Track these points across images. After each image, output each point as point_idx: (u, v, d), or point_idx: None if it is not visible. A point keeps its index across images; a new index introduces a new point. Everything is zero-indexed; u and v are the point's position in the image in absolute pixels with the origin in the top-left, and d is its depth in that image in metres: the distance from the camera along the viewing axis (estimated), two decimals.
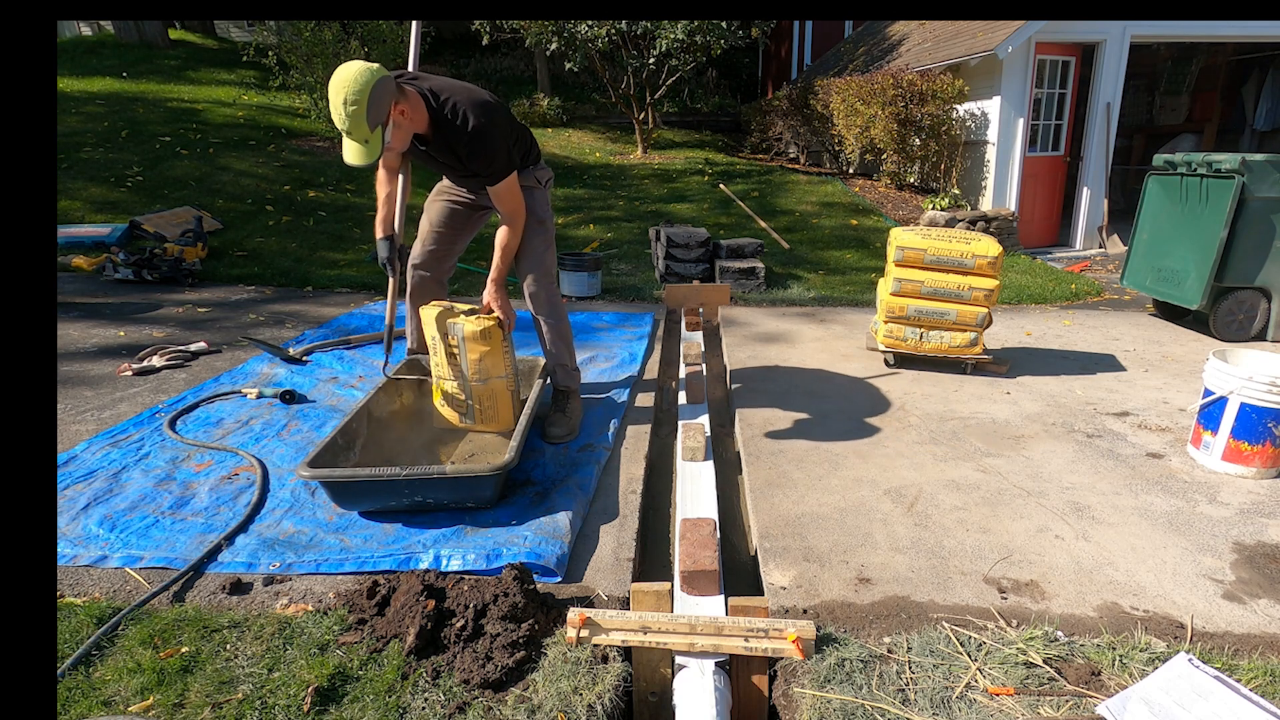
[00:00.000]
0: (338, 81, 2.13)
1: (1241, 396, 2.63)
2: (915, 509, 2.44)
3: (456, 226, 2.91)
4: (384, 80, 2.16)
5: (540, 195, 2.80)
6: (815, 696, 1.65)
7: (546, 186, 2.85)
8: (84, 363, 3.68)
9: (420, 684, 1.65)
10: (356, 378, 3.55)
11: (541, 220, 2.78)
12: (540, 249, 2.77)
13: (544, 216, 2.80)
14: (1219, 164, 4.28)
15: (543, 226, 2.78)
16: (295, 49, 9.16)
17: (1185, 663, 1.70)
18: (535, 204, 2.76)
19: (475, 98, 2.41)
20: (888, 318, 3.75)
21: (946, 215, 7.36)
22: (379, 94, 2.14)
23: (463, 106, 2.36)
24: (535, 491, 2.46)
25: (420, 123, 2.37)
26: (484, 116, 2.38)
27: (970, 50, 7.50)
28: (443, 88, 2.40)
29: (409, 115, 2.31)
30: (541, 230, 2.77)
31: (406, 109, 2.29)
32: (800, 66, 15.41)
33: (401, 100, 2.27)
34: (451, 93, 2.39)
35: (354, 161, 2.23)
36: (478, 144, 2.39)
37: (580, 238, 7.33)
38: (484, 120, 2.37)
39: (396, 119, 2.28)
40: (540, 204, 2.79)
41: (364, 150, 2.21)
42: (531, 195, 2.76)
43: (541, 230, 2.77)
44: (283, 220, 7.03)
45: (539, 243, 2.76)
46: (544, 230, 2.78)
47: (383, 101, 2.17)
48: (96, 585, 1.97)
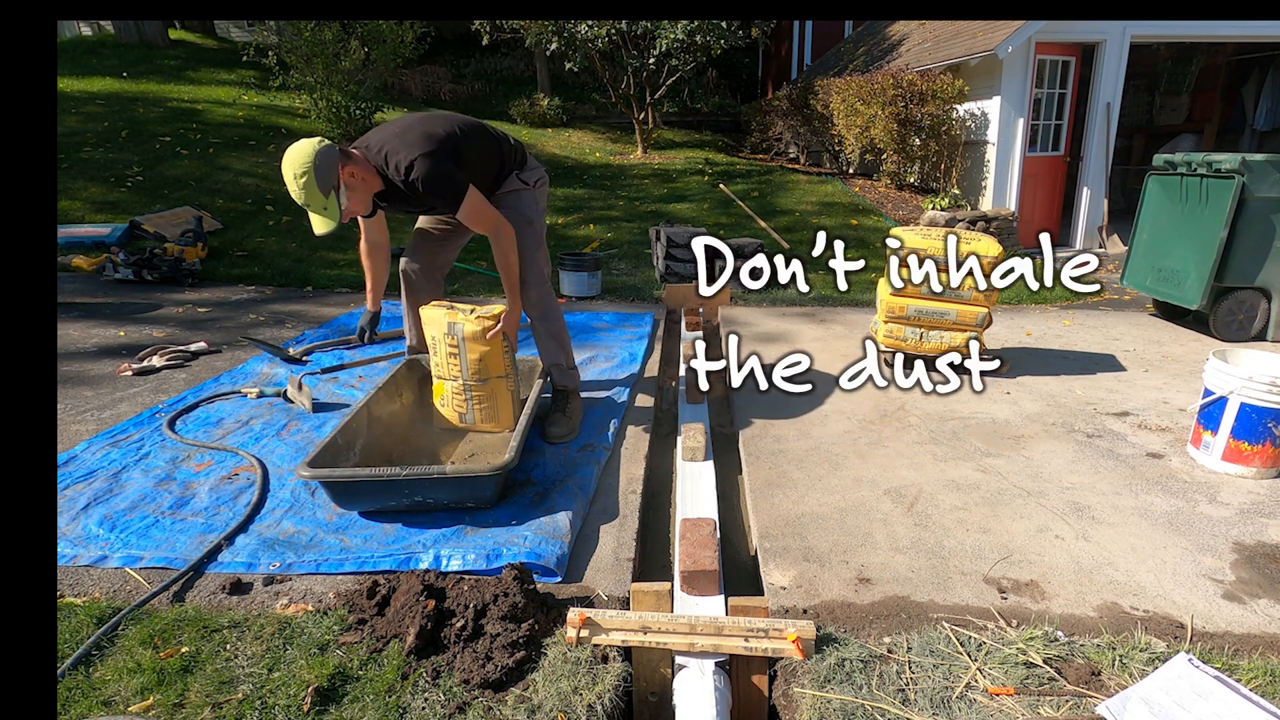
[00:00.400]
0: (287, 161, 2.27)
1: (1241, 396, 2.63)
2: (915, 509, 2.44)
3: (451, 227, 2.92)
4: (326, 149, 2.29)
5: (528, 197, 2.80)
6: (815, 696, 1.65)
7: (537, 187, 2.85)
8: (84, 363, 3.68)
9: (420, 684, 1.65)
10: (356, 378, 3.55)
11: (530, 220, 2.77)
12: (530, 248, 2.76)
13: (532, 217, 2.79)
14: (1219, 164, 4.28)
15: (531, 227, 2.77)
16: (295, 49, 9.15)
17: (1185, 663, 1.70)
18: (522, 205, 2.77)
19: (408, 139, 2.43)
20: (888, 317, 3.75)
21: (946, 215, 7.36)
22: (322, 162, 2.27)
23: (393, 155, 2.41)
24: (535, 491, 2.46)
25: (373, 181, 2.44)
26: (414, 154, 2.38)
27: (970, 50, 7.50)
28: (380, 141, 2.46)
29: (359, 176, 2.39)
30: (530, 231, 2.76)
31: (355, 170, 2.38)
32: (800, 66, 15.41)
33: (348, 163, 2.36)
34: (384, 143, 2.44)
35: (321, 231, 2.36)
36: (425, 186, 2.41)
37: (580, 238, 7.33)
38: (415, 158, 2.38)
39: (348, 181, 2.37)
40: (528, 205, 2.79)
41: (325, 218, 2.34)
42: (518, 198, 2.77)
43: (530, 231, 2.76)
44: (283, 220, 7.03)
45: (528, 243, 2.75)
46: (532, 230, 2.77)
47: (328, 168, 2.28)
48: (96, 585, 1.97)
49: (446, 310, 2.64)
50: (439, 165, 2.41)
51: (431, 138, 2.44)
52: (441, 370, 2.70)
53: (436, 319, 2.63)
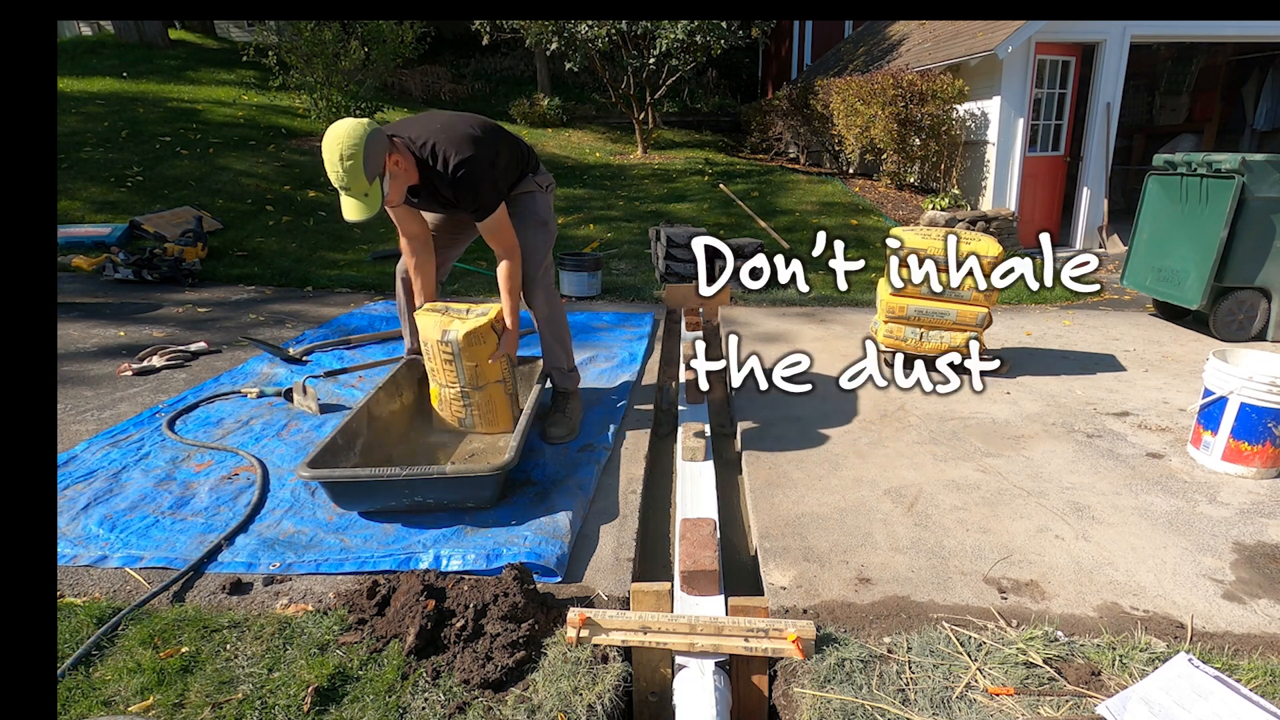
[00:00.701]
0: (332, 138, 2.16)
1: (1241, 396, 2.63)
2: (915, 509, 2.44)
3: (454, 230, 2.91)
4: (376, 132, 2.20)
5: (542, 199, 2.81)
6: (815, 696, 1.65)
7: (548, 191, 2.87)
8: (84, 363, 3.69)
9: (420, 684, 1.65)
10: (356, 378, 3.55)
11: (544, 222, 2.78)
12: (541, 250, 2.77)
13: (546, 218, 2.80)
14: (1219, 164, 4.28)
15: (544, 228, 2.78)
16: (295, 49, 9.16)
17: (1185, 663, 1.70)
18: (538, 206, 2.78)
19: (455, 136, 2.39)
20: (888, 318, 3.75)
21: (946, 215, 7.36)
22: (374, 146, 2.18)
23: (443, 148, 2.36)
24: (535, 491, 2.46)
25: (412, 173, 2.38)
26: (465, 154, 2.36)
27: (970, 50, 7.50)
28: (421, 133, 2.40)
29: (402, 166, 2.33)
30: (544, 231, 2.78)
31: (400, 159, 2.32)
32: (800, 66, 15.41)
33: (393, 151, 2.29)
34: (430, 136, 2.39)
35: (355, 217, 2.24)
36: (462, 185, 2.38)
37: (580, 238, 7.33)
38: (465, 159, 2.36)
39: (392, 170, 2.29)
40: (543, 207, 2.80)
41: (364, 205, 2.22)
42: (534, 199, 2.77)
43: (544, 231, 2.78)
44: (283, 220, 7.03)
45: (540, 242, 2.76)
46: (545, 231, 2.79)
47: (378, 153, 2.20)
48: (96, 585, 1.97)
49: (440, 316, 2.61)
50: (485, 170, 2.39)
51: (476, 141, 2.42)
52: (438, 376, 2.69)
53: (429, 326, 2.60)
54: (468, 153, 2.36)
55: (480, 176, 2.39)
